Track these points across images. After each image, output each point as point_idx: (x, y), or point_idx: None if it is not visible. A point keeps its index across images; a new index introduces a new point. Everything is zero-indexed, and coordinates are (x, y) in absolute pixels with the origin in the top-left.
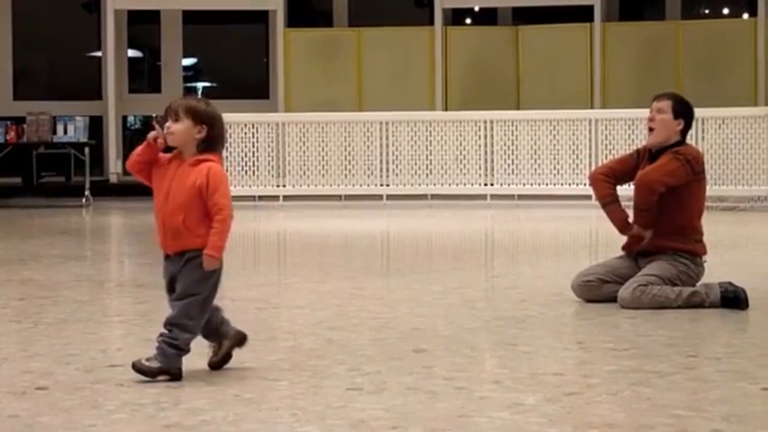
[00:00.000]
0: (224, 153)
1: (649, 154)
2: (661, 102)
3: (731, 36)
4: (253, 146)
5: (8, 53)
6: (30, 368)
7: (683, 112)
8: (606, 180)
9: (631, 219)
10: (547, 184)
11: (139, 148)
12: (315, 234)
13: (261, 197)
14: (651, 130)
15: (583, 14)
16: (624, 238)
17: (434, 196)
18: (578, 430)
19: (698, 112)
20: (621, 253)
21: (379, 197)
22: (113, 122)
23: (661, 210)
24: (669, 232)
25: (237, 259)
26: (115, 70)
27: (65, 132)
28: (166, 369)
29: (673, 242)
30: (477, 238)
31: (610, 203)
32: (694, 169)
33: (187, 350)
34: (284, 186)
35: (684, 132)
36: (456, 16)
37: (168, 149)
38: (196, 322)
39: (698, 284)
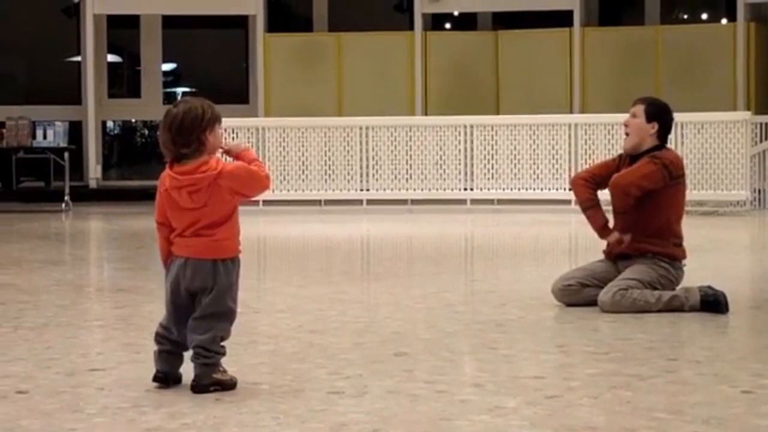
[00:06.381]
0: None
1: (630, 159)
2: (635, 106)
3: (710, 41)
4: None
5: None
6: (10, 372)
7: (657, 114)
8: (586, 185)
9: (611, 224)
10: (526, 189)
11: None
12: (295, 239)
13: (241, 202)
14: (628, 135)
15: (563, 19)
16: (605, 243)
17: (414, 201)
18: None
19: (677, 116)
20: (601, 257)
21: (359, 202)
22: (93, 127)
23: (640, 213)
24: (649, 235)
25: None
26: (94, 75)
27: (45, 137)
28: None
29: (653, 246)
30: (457, 242)
31: (590, 207)
32: (671, 174)
33: None
34: None
35: (660, 135)
36: (436, 22)
37: None
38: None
39: (678, 288)
